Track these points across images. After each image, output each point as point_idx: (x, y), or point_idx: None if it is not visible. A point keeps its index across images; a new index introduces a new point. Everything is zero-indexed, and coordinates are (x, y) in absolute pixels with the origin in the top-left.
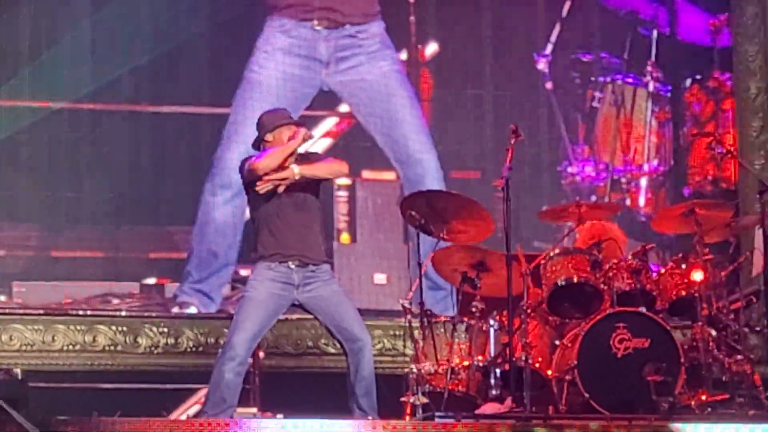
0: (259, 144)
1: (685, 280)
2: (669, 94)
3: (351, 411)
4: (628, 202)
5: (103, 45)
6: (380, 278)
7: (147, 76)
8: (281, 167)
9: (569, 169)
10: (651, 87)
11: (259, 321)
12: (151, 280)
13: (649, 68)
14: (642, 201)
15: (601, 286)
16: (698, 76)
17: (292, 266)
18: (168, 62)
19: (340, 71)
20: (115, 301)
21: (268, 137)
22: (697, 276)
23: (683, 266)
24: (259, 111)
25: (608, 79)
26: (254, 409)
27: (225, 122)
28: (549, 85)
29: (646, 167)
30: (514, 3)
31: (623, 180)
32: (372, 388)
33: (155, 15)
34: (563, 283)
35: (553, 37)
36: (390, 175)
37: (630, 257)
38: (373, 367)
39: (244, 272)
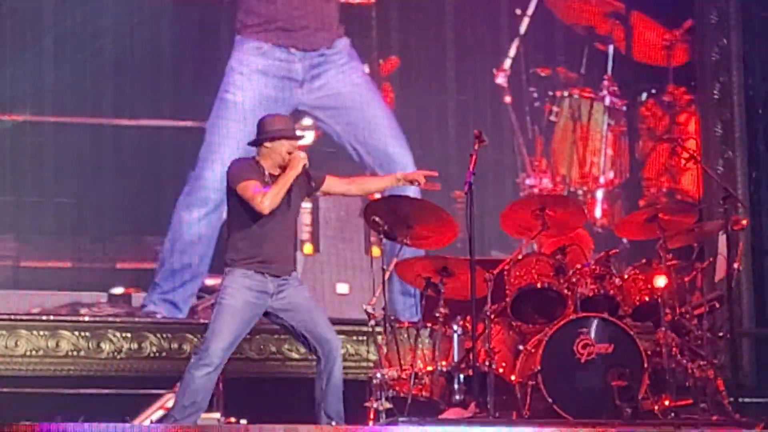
0: (256, 145)
1: (649, 286)
2: (625, 108)
3: (317, 417)
4: None
5: (65, 57)
6: (342, 288)
7: (110, 89)
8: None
9: (527, 182)
10: (607, 101)
11: (236, 329)
12: (119, 290)
13: (605, 82)
14: (598, 213)
15: (565, 291)
16: (653, 90)
17: (268, 276)
18: (130, 75)
19: (316, 88)
20: (83, 310)
21: (267, 144)
22: (661, 281)
23: (646, 272)
24: (235, 132)
25: (565, 94)
26: (217, 415)
27: (186, 134)
28: (508, 99)
29: (602, 179)
30: (476, 16)
31: (579, 192)
32: (341, 394)
33: (118, 27)
34: (526, 288)
35: (512, 52)
36: None
37: (593, 263)
38: (342, 372)
39: (210, 281)
